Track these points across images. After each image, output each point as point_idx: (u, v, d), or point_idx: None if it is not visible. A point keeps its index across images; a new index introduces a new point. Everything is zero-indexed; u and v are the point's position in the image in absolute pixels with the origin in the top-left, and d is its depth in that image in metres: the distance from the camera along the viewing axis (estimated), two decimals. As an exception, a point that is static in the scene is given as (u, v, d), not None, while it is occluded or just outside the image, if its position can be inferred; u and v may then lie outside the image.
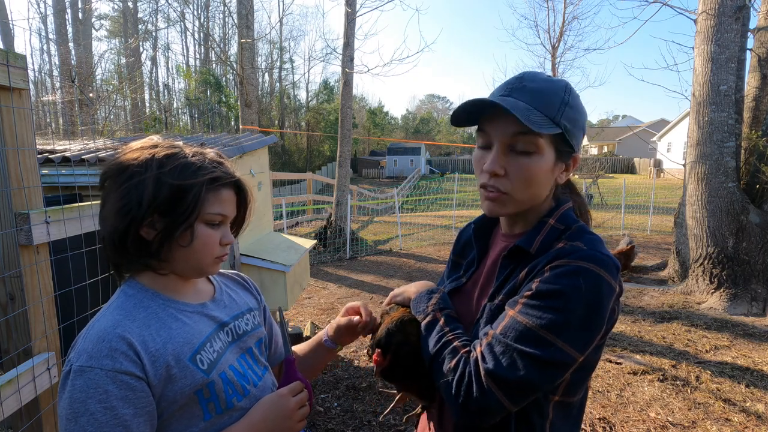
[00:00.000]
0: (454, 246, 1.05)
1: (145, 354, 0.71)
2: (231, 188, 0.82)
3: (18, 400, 1.27)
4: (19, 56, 1.30)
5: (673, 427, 2.52)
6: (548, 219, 0.81)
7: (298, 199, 12.26)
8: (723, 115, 4.63)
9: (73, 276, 1.61)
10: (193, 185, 0.76)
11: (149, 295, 0.79)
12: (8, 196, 1.28)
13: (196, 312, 0.83)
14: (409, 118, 63.66)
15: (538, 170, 0.76)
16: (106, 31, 30.86)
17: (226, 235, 0.83)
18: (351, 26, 8.14)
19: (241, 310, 0.92)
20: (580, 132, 0.80)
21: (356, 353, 3.61)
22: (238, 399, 0.81)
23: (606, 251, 0.75)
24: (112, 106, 19.04)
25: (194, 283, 0.88)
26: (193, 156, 0.79)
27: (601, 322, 0.71)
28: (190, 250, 0.78)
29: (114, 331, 0.71)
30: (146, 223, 0.75)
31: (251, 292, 1.01)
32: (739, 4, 4.48)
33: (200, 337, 0.80)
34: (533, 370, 0.68)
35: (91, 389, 0.66)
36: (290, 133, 37.85)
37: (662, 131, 29.18)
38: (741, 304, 4.42)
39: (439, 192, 15.88)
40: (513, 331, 0.71)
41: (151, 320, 0.76)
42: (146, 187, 0.74)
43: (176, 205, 0.75)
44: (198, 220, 0.77)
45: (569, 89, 0.79)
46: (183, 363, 0.75)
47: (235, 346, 0.87)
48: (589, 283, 0.69)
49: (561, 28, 11.75)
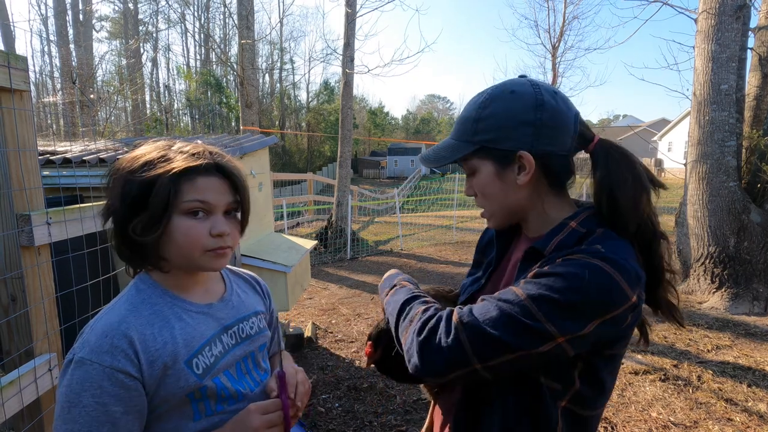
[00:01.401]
0: (477, 244, 1.05)
1: (144, 354, 0.73)
2: (213, 174, 0.79)
3: (20, 401, 1.27)
4: (20, 58, 1.30)
5: (675, 427, 2.51)
6: (570, 221, 0.79)
7: (298, 200, 12.27)
8: (724, 115, 4.63)
9: (74, 277, 1.61)
10: (158, 176, 0.74)
11: (158, 291, 0.81)
12: (10, 197, 1.28)
13: (201, 312, 0.83)
14: (409, 118, 63.65)
15: (484, 185, 0.82)
16: (107, 32, 30.92)
17: (216, 225, 0.78)
18: (351, 27, 8.14)
19: (247, 313, 0.92)
20: (509, 129, 0.77)
21: (357, 354, 3.61)
22: (230, 404, 0.81)
23: (629, 257, 0.70)
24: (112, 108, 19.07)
25: (204, 282, 0.88)
26: (168, 149, 0.79)
27: (595, 316, 0.66)
28: (175, 246, 0.76)
29: (119, 328, 0.73)
30: (132, 224, 0.75)
31: (261, 295, 1.01)
32: (739, 3, 4.47)
33: (201, 340, 0.80)
34: (505, 331, 0.67)
35: (86, 382, 0.69)
36: (291, 133, 37.86)
37: (663, 131, 29.15)
38: (742, 303, 4.41)
39: (439, 192, 15.86)
40: (503, 295, 0.72)
41: (156, 319, 0.77)
42: (117, 188, 0.76)
43: (147, 200, 0.74)
44: (175, 211, 0.75)
45: (487, 101, 0.80)
46: (179, 365, 0.76)
47: (238, 348, 0.86)
48: (595, 278, 0.66)
49: (561, 28, 11.75)
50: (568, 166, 0.82)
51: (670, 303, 0.82)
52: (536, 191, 0.82)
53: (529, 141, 0.77)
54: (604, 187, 0.77)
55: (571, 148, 0.80)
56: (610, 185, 0.76)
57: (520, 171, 0.79)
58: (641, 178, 0.77)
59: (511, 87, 0.80)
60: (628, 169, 0.77)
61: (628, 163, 0.78)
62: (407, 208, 14.93)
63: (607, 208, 0.76)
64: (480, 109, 0.80)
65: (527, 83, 0.80)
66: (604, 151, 0.80)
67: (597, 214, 0.79)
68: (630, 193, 0.76)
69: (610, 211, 0.76)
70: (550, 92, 0.80)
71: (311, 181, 13.24)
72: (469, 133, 0.81)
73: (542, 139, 0.77)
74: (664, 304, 0.81)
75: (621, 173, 0.77)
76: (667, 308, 0.82)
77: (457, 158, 0.83)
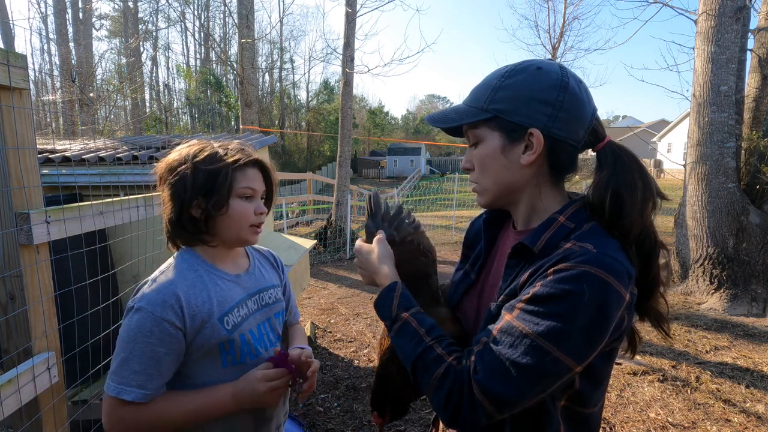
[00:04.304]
0: (465, 237, 1.03)
1: (187, 309, 0.93)
2: (255, 167, 1.02)
3: (18, 399, 1.27)
4: (19, 56, 1.29)
5: (673, 427, 2.51)
6: (558, 216, 0.77)
7: (298, 199, 12.27)
8: (723, 116, 4.63)
9: (73, 276, 1.61)
10: (221, 168, 0.96)
11: (199, 261, 1.01)
12: (8, 195, 1.28)
13: (232, 281, 1.03)
14: (409, 118, 63.65)
15: (486, 156, 0.79)
16: (107, 30, 30.89)
17: (258, 206, 1.01)
18: (351, 26, 8.14)
19: (267, 285, 1.12)
20: (527, 103, 0.75)
21: (356, 353, 3.61)
22: (251, 357, 1.01)
23: (618, 255, 0.70)
24: (112, 106, 19.04)
25: (234, 257, 1.08)
26: (219, 146, 1.00)
27: (604, 332, 0.67)
28: (231, 221, 0.98)
29: (170, 288, 0.93)
30: (194, 205, 0.95)
31: (276, 269, 1.22)
32: (739, 5, 4.48)
33: (231, 302, 1.00)
34: (526, 382, 0.65)
35: (142, 325, 0.89)
36: (290, 133, 37.84)
37: (662, 132, 29.18)
38: (741, 304, 4.41)
39: (439, 192, 15.86)
40: (508, 338, 0.68)
41: (198, 282, 0.97)
42: (187, 177, 0.95)
43: (212, 186, 0.95)
44: (232, 195, 0.97)
45: (511, 72, 0.77)
46: (213, 321, 0.95)
47: (259, 313, 1.07)
48: (594, 290, 0.65)
49: (561, 29, 11.76)
50: (575, 159, 0.80)
51: (659, 313, 0.81)
52: (535, 176, 0.79)
53: (544, 120, 0.75)
54: (609, 187, 0.74)
55: (582, 140, 0.78)
56: (618, 186, 0.74)
57: (526, 149, 0.77)
58: (651, 185, 0.76)
59: (538, 63, 0.78)
60: (639, 173, 0.76)
61: (639, 168, 0.76)
62: (407, 208, 14.89)
63: (611, 208, 0.74)
64: (502, 79, 0.78)
65: (556, 65, 0.78)
66: (613, 153, 0.78)
67: (586, 206, 0.78)
68: (638, 197, 0.74)
69: (613, 213, 0.74)
70: (577, 79, 0.78)
71: (311, 180, 13.22)
72: (485, 100, 0.78)
73: (557, 122, 0.75)
74: (654, 314, 0.81)
75: (631, 176, 0.75)
76: (655, 318, 0.81)
77: (465, 122, 0.80)
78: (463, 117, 0.80)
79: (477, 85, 0.82)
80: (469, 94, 0.83)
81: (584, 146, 0.79)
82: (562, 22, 11.77)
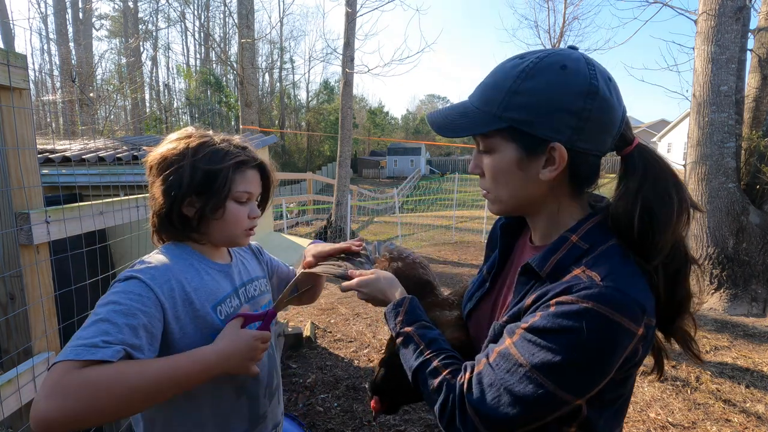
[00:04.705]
0: (488, 236, 1.00)
1: (179, 290, 0.86)
2: (255, 169, 0.97)
3: (18, 399, 1.27)
4: (19, 56, 1.30)
5: (673, 427, 2.51)
6: (571, 235, 0.69)
7: (298, 199, 12.27)
8: (723, 116, 4.63)
9: (73, 276, 1.61)
10: (222, 169, 0.90)
11: (188, 251, 0.95)
12: (8, 195, 1.28)
13: (221, 271, 0.99)
14: (409, 118, 63.64)
15: (499, 168, 0.71)
16: (107, 30, 30.87)
17: (253, 210, 0.98)
18: (351, 26, 8.13)
19: (251, 277, 1.08)
20: (549, 114, 0.65)
21: (356, 353, 3.61)
22: None
23: (631, 288, 0.62)
24: (112, 106, 19.05)
25: (221, 251, 1.04)
26: (221, 143, 0.94)
27: (606, 367, 0.62)
28: (224, 224, 0.93)
29: (164, 267, 0.87)
30: (186, 203, 0.90)
31: (260, 261, 1.17)
32: (739, 5, 4.48)
33: (223, 293, 0.96)
34: (518, 408, 0.63)
35: (129, 289, 0.82)
36: (290, 133, 37.85)
37: (662, 132, 29.17)
38: (741, 304, 4.41)
39: (439, 192, 15.85)
40: (505, 363, 0.66)
41: (189, 268, 0.92)
42: (184, 173, 0.88)
43: (209, 186, 0.89)
44: (229, 198, 0.92)
45: (530, 70, 0.66)
46: (206, 309, 0.90)
47: (247, 305, 1.03)
48: (595, 327, 0.60)
49: (561, 29, 11.76)
50: (597, 169, 0.71)
51: (686, 333, 0.74)
52: (554, 191, 0.72)
53: (568, 134, 0.65)
54: (639, 200, 0.66)
55: (609, 149, 0.70)
56: (648, 199, 0.66)
57: (546, 164, 0.68)
58: (686, 196, 0.67)
59: (562, 60, 0.66)
60: (673, 184, 0.67)
61: (673, 176, 0.68)
62: (406, 208, 14.94)
63: (641, 227, 0.65)
64: (519, 80, 0.66)
65: (582, 60, 0.66)
66: (643, 158, 0.69)
67: (607, 219, 0.70)
68: (672, 210, 0.65)
69: (643, 233, 0.65)
70: (605, 77, 0.67)
71: (311, 180, 13.23)
72: (499, 105, 0.67)
73: (583, 134, 0.65)
74: (680, 335, 0.74)
75: (664, 188, 0.66)
76: (683, 339, 0.74)
77: (476, 132, 0.70)
78: (473, 126, 0.70)
79: (487, 81, 0.71)
80: (476, 89, 0.73)
81: (609, 149, 0.71)
82: (562, 22, 11.78)
